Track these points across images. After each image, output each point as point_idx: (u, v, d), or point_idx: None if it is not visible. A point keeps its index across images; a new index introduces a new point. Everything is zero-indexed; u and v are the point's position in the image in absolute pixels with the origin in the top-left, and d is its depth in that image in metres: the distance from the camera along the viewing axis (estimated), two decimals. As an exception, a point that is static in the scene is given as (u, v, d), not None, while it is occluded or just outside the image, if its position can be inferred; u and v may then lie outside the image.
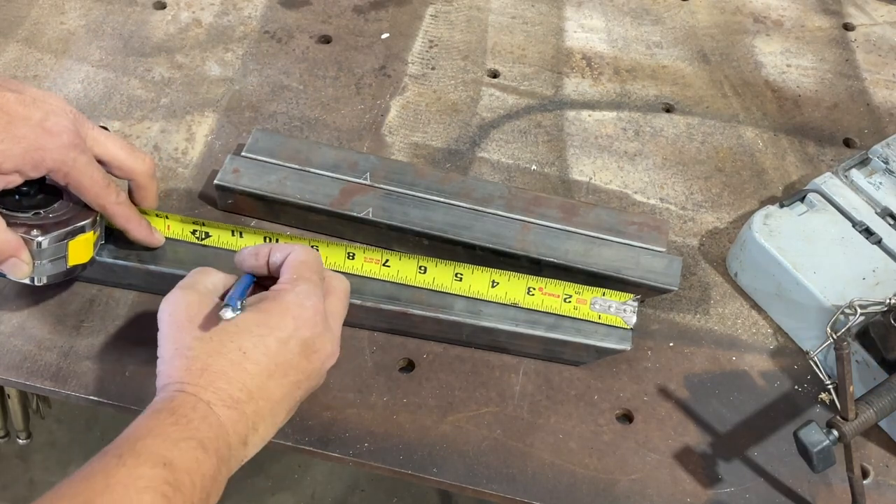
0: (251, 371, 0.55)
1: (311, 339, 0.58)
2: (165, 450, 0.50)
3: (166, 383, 0.55)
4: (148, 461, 0.49)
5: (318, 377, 0.60)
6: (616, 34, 1.00)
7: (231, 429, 0.53)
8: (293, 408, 0.59)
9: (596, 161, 0.87)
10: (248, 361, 0.55)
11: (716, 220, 0.83)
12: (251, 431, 0.55)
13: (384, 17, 0.99)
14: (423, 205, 0.76)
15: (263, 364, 0.56)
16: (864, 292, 0.70)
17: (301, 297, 0.58)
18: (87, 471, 0.49)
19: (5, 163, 0.60)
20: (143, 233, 0.70)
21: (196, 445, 0.51)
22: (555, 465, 0.67)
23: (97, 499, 0.47)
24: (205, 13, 0.97)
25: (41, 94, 0.64)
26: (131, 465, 0.49)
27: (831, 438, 0.61)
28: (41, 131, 0.62)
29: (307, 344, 0.58)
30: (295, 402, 0.59)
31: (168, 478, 0.49)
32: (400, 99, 0.91)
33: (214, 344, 0.55)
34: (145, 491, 0.48)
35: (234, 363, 0.55)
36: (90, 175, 0.64)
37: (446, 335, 0.72)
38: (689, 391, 0.72)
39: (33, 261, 0.64)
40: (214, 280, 0.61)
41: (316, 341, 0.58)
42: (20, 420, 1.00)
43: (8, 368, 0.69)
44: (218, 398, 0.54)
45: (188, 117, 0.87)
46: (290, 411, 0.59)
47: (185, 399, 0.53)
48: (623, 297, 0.70)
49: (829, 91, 0.96)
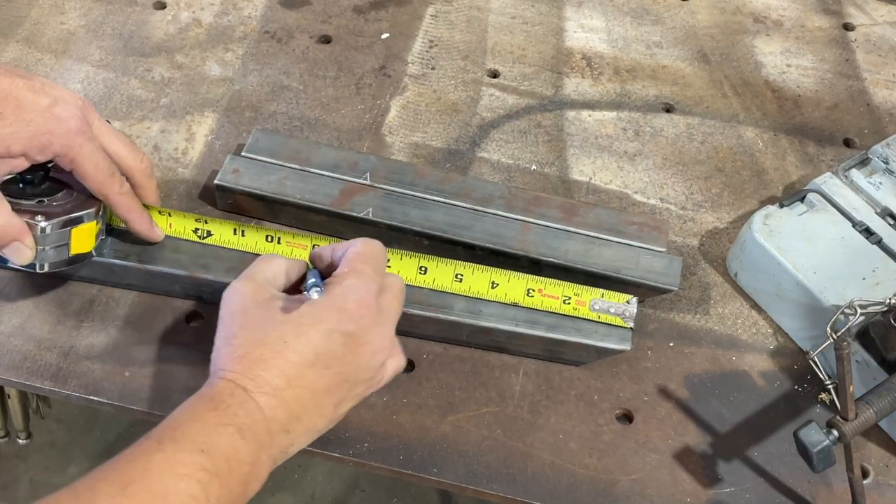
0: (291, 359, 0.55)
1: (357, 331, 0.57)
2: (204, 436, 0.51)
3: (212, 371, 0.56)
4: (185, 448, 0.50)
5: (368, 371, 0.59)
6: (616, 34, 1.00)
7: (270, 415, 0.54)
8: (345, 402, 0.58)
9: (596, 161, 0.87)
10: (289, 350, 0.55)
11: (716, 220, 0.83)
12: (292, 420, 0.55)
13: (384, 17, 0.99)
14: (423, 205, 0.76)
15: (303, 353, 0.56)
16: (864, 292, 0.70)
17: (348, 290, 0.58)
18: (128, 454, 0.50)
19: (13, 145, 0.61)
20: (143, 225, 0.70)
21: (234, 432, 0.52)
22: (555, 465, 0.67)
23: (135, 483, 0.48)
24: (205, 13, 0.97)
25: (49, 82, 0.64)
26: (170, 450, 0.50)
27: (831, 438, 0.61)
28: (49, 116, 0.62)
29: (352, 336, 0.57)
30: (346, 396, 0.58)
31: (205, 464, 0.50)
32: (400, 99, 0.91)
33: (258, 333, 0.56)
34: (182, 478, 0.49)
35: (274, 351, 0.55)
36: (95, 163, 0.65)
37: (446, 335, 0.72)
38: (689, 391, 0.72)
39: (36, 246, 0.64)
40: (275, 269, 0.62)
41: (363, 334, 0.58)
42: (20, 420, 1.00)
43: (8, 368, 0.69)
44: (256, 385, 0.54)
45: (188, 117, 0.87)
46: (340, 405, 0.58)
47: (225, 386, 0.54)
48: (622, 299, 0.70)
49: (829, 91, 0.96)
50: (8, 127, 0.61)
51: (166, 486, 0.48)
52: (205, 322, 0.72)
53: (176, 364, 0.69)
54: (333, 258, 0.63)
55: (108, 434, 1.54)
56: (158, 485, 0.48)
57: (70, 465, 1.50)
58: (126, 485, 0.48)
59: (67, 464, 1.50)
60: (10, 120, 0.61)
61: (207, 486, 0.49)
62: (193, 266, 0.71)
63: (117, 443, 1.53)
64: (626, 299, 0.70)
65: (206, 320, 0.72)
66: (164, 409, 0.67)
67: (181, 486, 0.48)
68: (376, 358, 0.59)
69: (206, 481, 0.49)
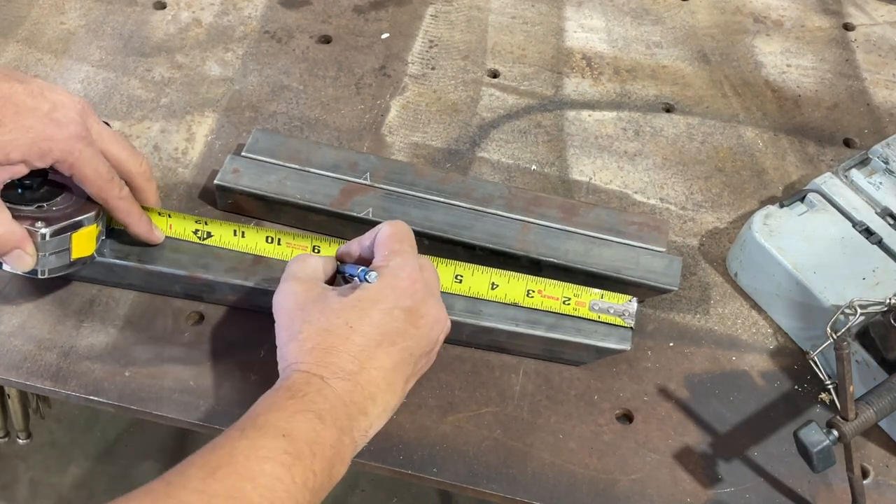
0: (359, 343, 0.57)
1: (414, 306, 0.60)
2: (284, 422, 0.53)
3: (283, 367, 0.58)
4: (268, 434, 0.52)
5: (429, 343, 0.61)
6: (616, 34, 1.00)
7: (347, 399, 0.56)
8: (411, 377, 0.61)
9: (596, 161, 0.87)
10: (355, 334, 0.57)
11: (716, 220, 0.83)
12: (369, 401, 0.57)
13: (384, 17, 0.99)
14: (423, 205, 0.76)
15: (370, 335, 0.58)
16: (864, 292, 0.70)
17: (396, 270, 0.61)
18: (213, 444, 0.52)
19: (13, 153, 0.61)
20: (143, 228, 0.70)
21: (313, 417, 0.53)
22: (555, 465, 0.67)
23: (223, 467, 0.50)
24: (205, 13, 0.97)
25: (48, 85, 0.64)
26: (253, 437, 0.52)
27: (831, 438, 0.61)
28: (49, 122, 0.62)
29: (411, 311, 0.60)
30: (411, 371, 0.60)
31: (287, 448, 0.51)
32: (400, 99, 0.91)
33: (322, 323, 0.58)
34: (266, 460, 0.50)
35: (342, 338, 0.57)
36: (95, 167, 0.65)
37: (446, 335, 0.72)
38: (689, 391, 0.72)
39: (37, 253, 0.65)
40: (314, 266, 0.64)
41: (419, 307, 0.60)
42: (20, 420, 1.00)
43: (8, 368, 0.69)
44: (330, 372, 0.56)
45: (188, 117, 0.87)
46: (408, 380, 0.60)
47: (300, 377, 0.56)
48: (622, 300, 0.70)
49: (829, 91, 0.96)
50: (7, 134, 0.60)
51: (252, 469, 0.50)
52: (205, 322, 0.72)
53: (176, 364, 0.69)
54: (362, 250, 0.65)
55: (108, 434, 1.54)
56: (244, 468, 0.50)
57: (70, 465, 1.50)
58: (214, 469, 0.50)
59: (67, 464, 1.50)
60: (9, 127, 0.60)
61: (291, 467, 0.51)
62: (193, 266, 0.71)
63: (117, 443, 1.53)
64: (625, 300, 0.70)
65: (206, 320, 0.72)
66: (164, 409, 0.67)
67: (266, 468, 0.50)
68: (435, 329, 0.61)
69: (289, 464, 0.51)
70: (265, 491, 0.49)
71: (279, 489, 0.50)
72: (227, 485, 0.49)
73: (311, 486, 0.52)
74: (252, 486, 0.49)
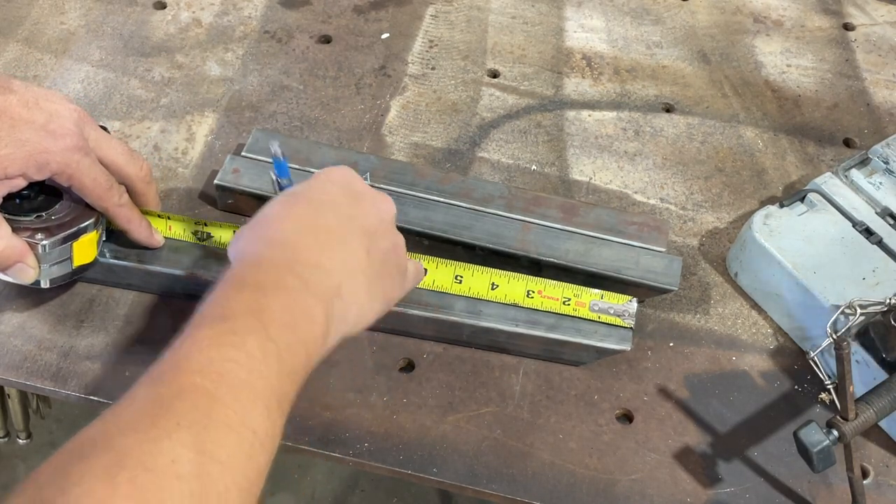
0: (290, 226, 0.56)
1: (348, 189, 0.59)
2: (219, 308, 0.49)
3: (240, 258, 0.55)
4: (204, 324, 0.48)
5: (377, 218, 0.58)
6: (616, 34, 1.00)
7: (290, 262, 0.52)
8: (370, 248, 0.57)
9: (596, 161, 0.87)
10: (286, 220, 0.56)
11: (716, 220, 0.83)
12: (318, 254, 0.53)
13: (384, 17, 0.99)
14: (423, 205, 0.76)
15: (300, 215, 0.56)
16: (864, 292, 0.70)
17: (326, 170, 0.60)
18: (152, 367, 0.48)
19: (10, 167, 0.60)
20: (143, 234, 0.70)
21: (252, 290, 0.50)
22: (555, 465, 0.67)
23: (165, 374, 0.46)
24: (205, 13, 0.97)
25: (44, 93, 0.64)
26: (188, 333, 0.48)
27: (831, 438, 0.61)
28: (45, 134, 0.61)
29: (349, 189, 0.59)
30: (361, 235, 0.57)
31: (231, 328, 0.48)
32: (400, 99, 0.91)
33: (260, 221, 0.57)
34: (210, 348, 0.46)
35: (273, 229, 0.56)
36: (93, 177, 0.64)
37: (446, 336, 0.72)
38: (689, 391, 0.72)
39: (39, 265, 0.64)
40: None
41: (355, 187, 0.59)
42: (20, 420, 1.00)
43: (8, 368, 0.69)
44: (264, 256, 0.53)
45: (188, 117, 0.87)
46: (367, 250, 0.56)
47: (234, 269, 0.53)
48: (622, 300, 0.70)
49: (829, 91, 0.96)
50: (3, 148, 0.60)
51: (197, 361, 0.45)
52: (205, 322, 0.72)
53: (176, 364, 0.69)
54: None
55: (108, 434, 1.54)
56: (187, 365, 0.45)
57: (70, 465, 1.50)
58: (155, 380, 0.46)
59: (67, 464, 1.50)
60: (5, 141, 0.60)
61: (242, 346, 0.46)
62: (193, 266, 0.71)
63: (117, 443, 1.53)
64: (625, 300, 0.70)
65: (206, 320, 0.72)
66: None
67: (213, 354, 0.46)
68: (377, 209, 0.59)
69: (237, 343, 0.46)
70: (218, 377, 0.44)
71: (236, 371, 0.45)
72: (173, 387, 0.44)
73: (276, 355, 0.47)
74: (202, 378, 0.44)
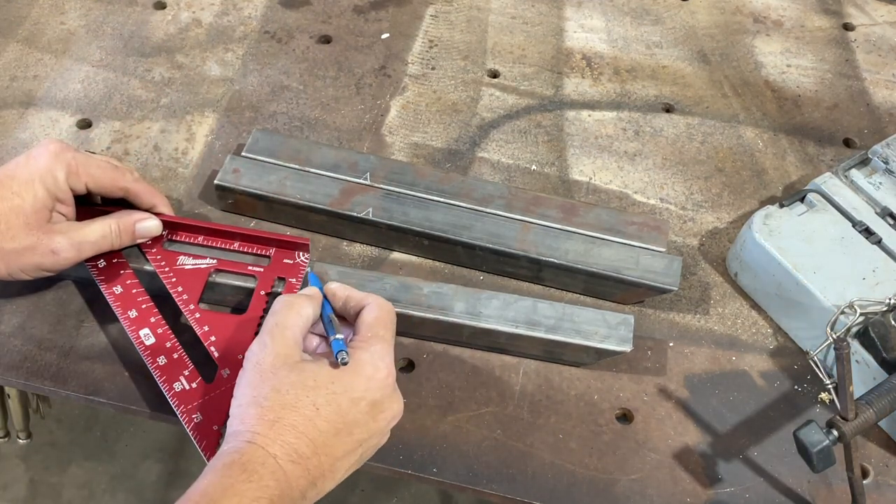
0: (321, 428, 0.56)
1: (381, 399, 0.59)
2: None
3: (238, 430, 0.56)
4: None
5: (381, 436, 0.60)
6: (616, 34, 1.00)
7: (294, 483, 0.54)
8: (354, 465, 0.59)
9: (596, 161, 0.87)
10: (320, 418, 0.56)
11: (716, 220, 0.83)
12: (310, 487, 0.55)
13: (384, 17, 0.99)
14: (423, 205, 0.76)
15: (333, 421, 0.56)
16: (864, 292, 0.70)
17: (375, 358, 0.59)
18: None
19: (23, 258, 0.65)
20: (168, 207, 0.72)
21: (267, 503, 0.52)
22: (555, 465, 0.67)
23: None
24: (205, 13, 0.97)
25: (6, 175, 0.65)
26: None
27: (831, 438, 0.61)
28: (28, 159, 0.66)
29: (376, 404, 0.58)
30: (356, 460, 0.59)
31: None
32: (400, 99, 0.91)
33: (290, 398, 0.56)
34: None
35: (306, 418, 0.55)
36: (97, 164, 0.67)
37: (446, 336, 0.72)
38: (688, 391, 0.72)
39: None
40: (303, 318, 0.61)
41: (384, 402, 0.59)
42: (20, 420, 1.00)
43: (8, 368, 0.69)
44: (285, 452, 0.54)
45: (188, 117, 0.87)
46: (350, 468, 0.59)
47: (255, 452, 0.54)
48: None
49: (829, 91, 0.96)
50: (10, 242, 0.64)
51: None
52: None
53: (176, 364, 0.69)
54: (347, 307, 0.63)
55: (108, 434, 1.54)
56: None
57: (70, 465, 1.50)
58: None
59: (67, 464, 1.50)
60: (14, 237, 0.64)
61: None
62: (193, 266, 0.71)
63: (117, 443, 1.53)
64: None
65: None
66: (163, 409, 0.67)
67: None
68: (391, 424, 0.60)
69: None
70: None
71: None
72: None
73: None
74: None
